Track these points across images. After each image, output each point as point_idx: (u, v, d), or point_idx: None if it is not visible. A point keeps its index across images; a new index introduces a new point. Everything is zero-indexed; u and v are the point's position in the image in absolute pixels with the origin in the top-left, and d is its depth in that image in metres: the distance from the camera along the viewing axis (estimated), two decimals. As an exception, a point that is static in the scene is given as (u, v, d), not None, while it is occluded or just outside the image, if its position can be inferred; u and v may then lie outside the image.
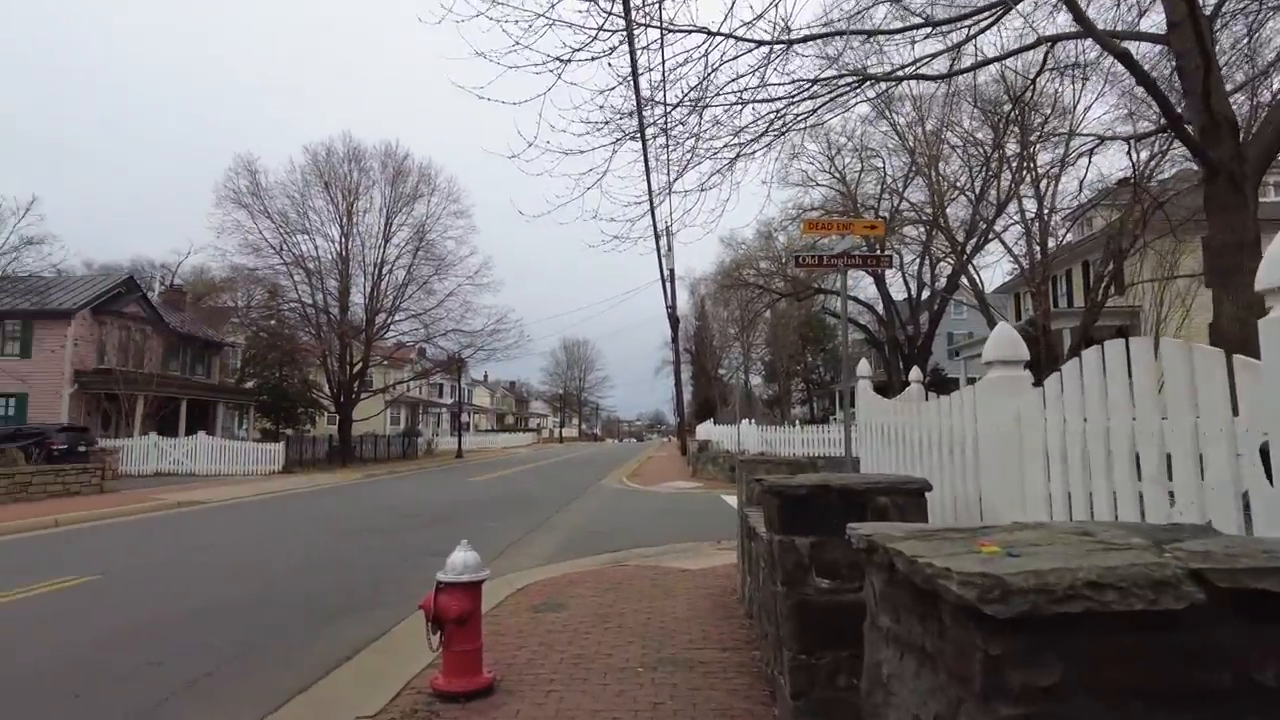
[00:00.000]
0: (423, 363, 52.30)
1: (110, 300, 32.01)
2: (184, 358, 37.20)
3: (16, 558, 10.53)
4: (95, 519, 14.98)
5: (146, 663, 5.53)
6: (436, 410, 69.68)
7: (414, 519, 14.73)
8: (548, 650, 5.52)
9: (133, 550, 11.23)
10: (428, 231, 38.77)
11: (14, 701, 4.75)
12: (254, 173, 35.90)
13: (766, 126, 7.94)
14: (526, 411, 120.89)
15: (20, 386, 29.04)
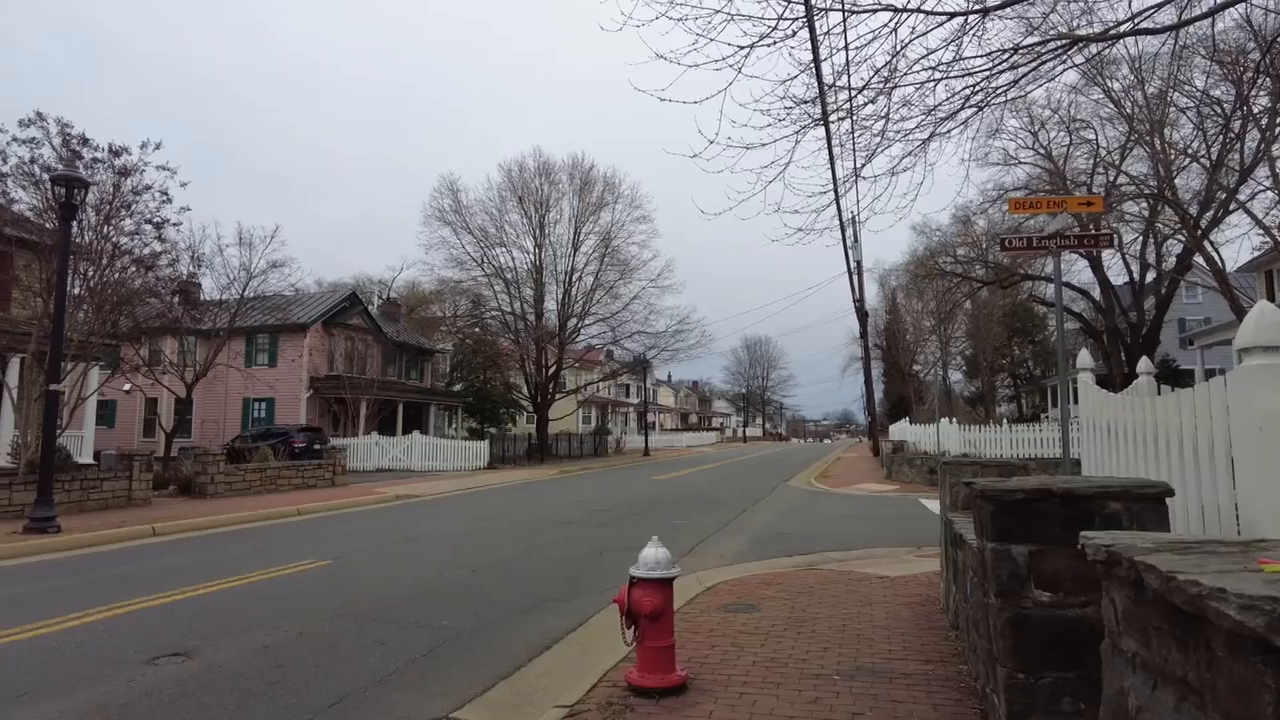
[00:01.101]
0: (610, 364, 54.04)
1: (338, 314, 35.77)
2: (400, 364, 40.81)
3: (269, 541, 11.99)
4: (328, 509, 16.75)
5: (372, 641, 6.06)
6: (624, 410, 71.74)
7: (604, 514, 15.20)
8: (739, 652, 5.45)
9: (359, 538, 12.43)
10: (613, 238, 40.02)
11: (263, 669, 5.37)
12: (455, 192, 38.79)
13: (962, 103, 7.39)
14: (709, 411, 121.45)
15: (269, 392, 33.17)
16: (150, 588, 8.07)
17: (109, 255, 16.86)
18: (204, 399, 31.20)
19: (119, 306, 17.73)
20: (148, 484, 16.39)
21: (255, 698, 4.79)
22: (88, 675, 5.21)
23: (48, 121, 15.94)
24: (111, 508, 15.17)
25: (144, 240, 17.38)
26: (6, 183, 15.81)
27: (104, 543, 11.69)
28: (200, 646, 5.85)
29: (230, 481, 18.53)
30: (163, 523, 13.22)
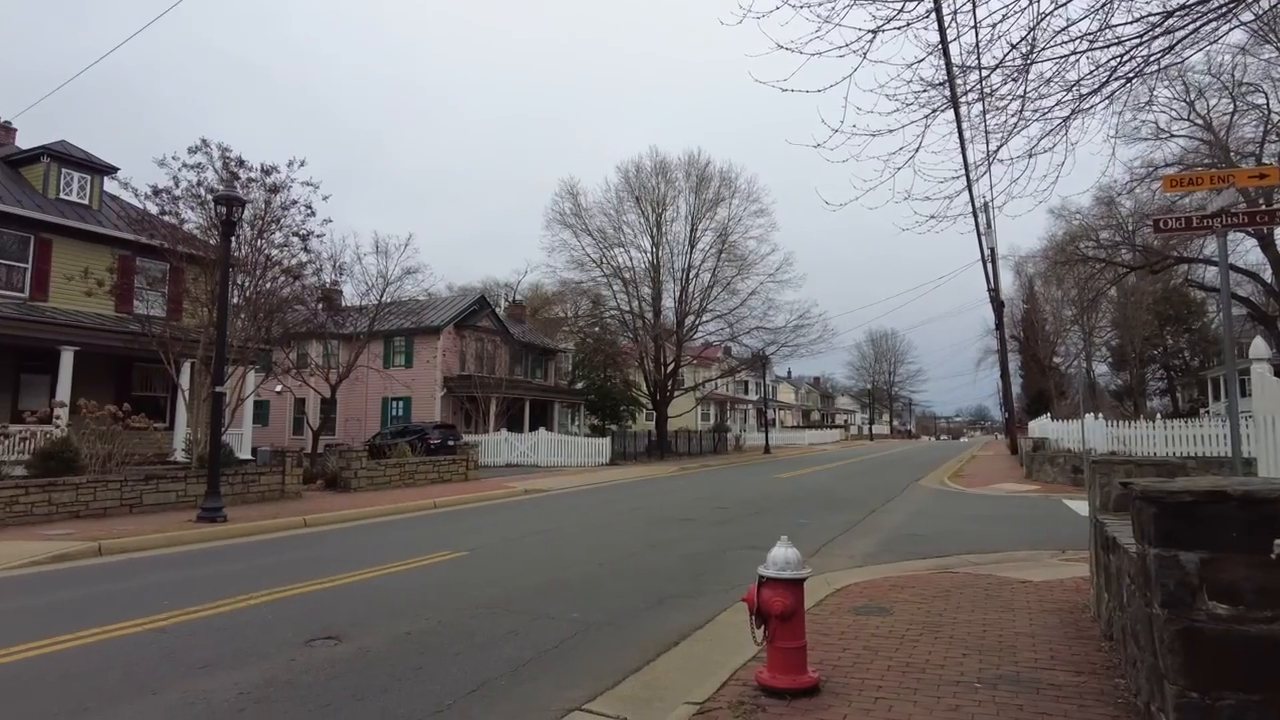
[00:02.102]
0: (728, 361, 53.72)
1: (468, 317, 37.29)
2: (526, 363, 42.11)
3: (407, 533, 12.65)
4: (461, 503, 17.48)
5: (506, 631, 6.28)
6: (742, 407, 71.18)
7: (726, 511, 15.12)
8: (873, 655, 5.29)
9: (490, 530, 12.91)
10: (730, 233, 39.77)
11: (407, 654, 5.66)
12: (575, 195, 39.65)
13: (1108, 75, 6.87)
14: (832, 408, 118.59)
15: (406, 391, 35.02)
16: (303, 575, 8.68)
17: (262, 267, 18.26)
18: (346, 399, 33.27)
19: (271, 314, 19.18)
20: (298, 479, 17.65)
21: (401, 681, 5.05)
22: (255, 652, 5.66)
23: (210, 147, 17.45)
24: (267, 500, 16.42)
25: (292, 252, 18.72)
26: (178, 205, 17.41)
27: (262, 532, 12.68)
28: (350, 631, 6.24)
29: (372, 476, 19.68)
30: (312, 515, 14.20)
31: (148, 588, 8.33)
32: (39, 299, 20.31)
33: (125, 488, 14.06)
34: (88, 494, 13.51)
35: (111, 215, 22.25)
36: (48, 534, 11.50)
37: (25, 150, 23.10)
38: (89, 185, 22.67)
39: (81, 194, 22.47)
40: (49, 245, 20.77)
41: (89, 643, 5.95)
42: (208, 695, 4.77)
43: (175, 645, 5.92)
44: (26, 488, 12.87)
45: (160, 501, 14.47)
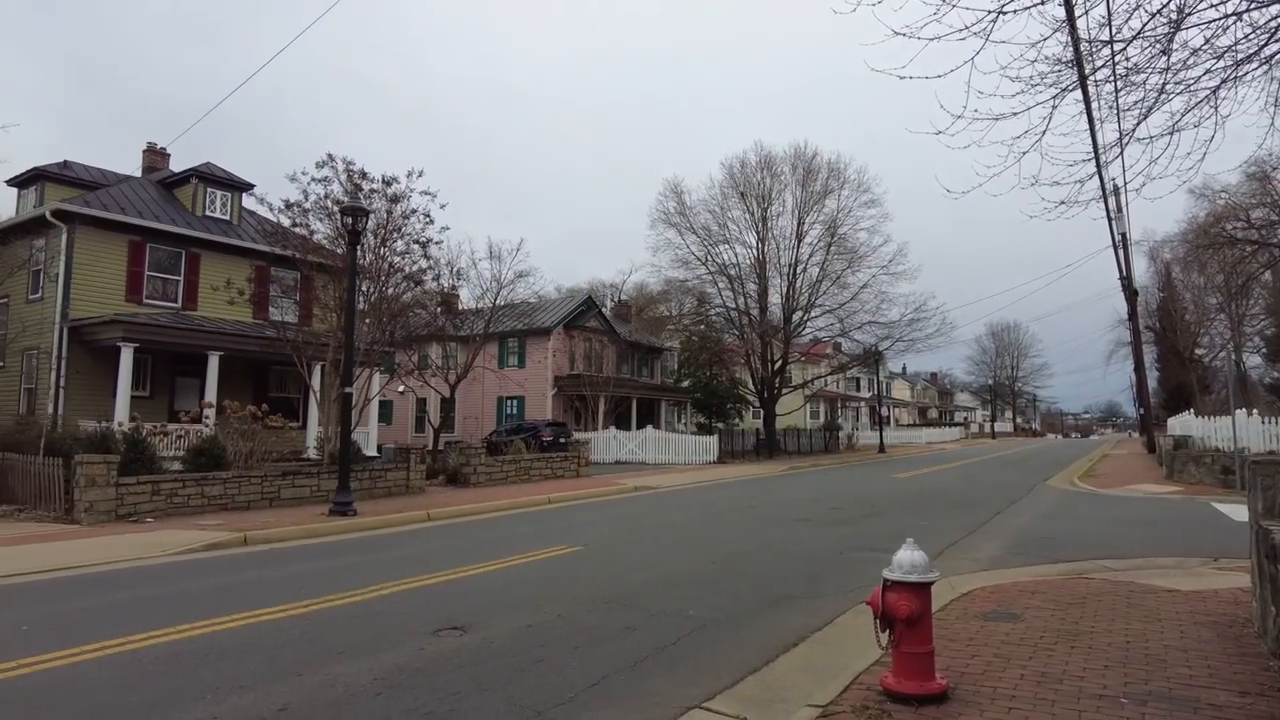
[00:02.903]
0: (839, 357, 52.49)
1: (576, 317, 38.00)
2: (632, 362, 42.51)
3: (524, 528, 13.00)
4: (574, 499, 17.82)
5: (623, 626, 6.35)
6: (855, 404, 69.40)
7: (840, 512, 14.78)
8: (1004, 663, 5.04)
9: (604, 526, 13.10)
10: (839, 226, 38.83)
11: (528, 647, 5.81)
12: (679, 194, 39.70)
13: (1268, 38, 6.28)
14: (950, 405, 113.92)
15: (520, 390, 36.03)
16: (429, 567, 9.06)
17: (385, 273, 19.18)
18: (464, 398, 34.54)
19: (394, 318, 20.12)
20: (421, 474, 18.45)
21: (524, 673, 5.19)
22: (387, 640, 5.95)
23: (336, 161, 18.45)
24: (393, 495, 17.25)
25: (412, 259, 19.58)
26: (308, 217, 18.51)
27: (389, 525, 13.32)
28: (474, 622, 6.46)
29: (490, 472, 20.35)
30: (435, 509, 14.81)
31: (288, 577, 8.91)
32: (189, 308, 22.09)
33: (265, 483, 15.09)
34: (233, 488, 14.58)
35: (250, 229, 23.94)
36: (201, 524, 12.48)
37: (177, 173, 25.17)
38: (230, 202, 24.47)
39: (224, 210, 24.28)
40: (197, 259, 22.55)
41: (239, 626, 6.41)
42: (346, 679, 5.04)
43: (315, 631, 6.29)
44: (183, 481, 14.02)
45: (296, 496, 15.45)
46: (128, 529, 12.21)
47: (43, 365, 20.45)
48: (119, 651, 5.68)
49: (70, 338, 19.92)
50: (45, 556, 9.82)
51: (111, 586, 8.37)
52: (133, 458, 13.91)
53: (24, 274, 21.37)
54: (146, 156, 27.33)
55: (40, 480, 13.95)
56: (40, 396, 20.45)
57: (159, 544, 10.73)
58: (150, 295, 21.57)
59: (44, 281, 20.98)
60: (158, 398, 21.72)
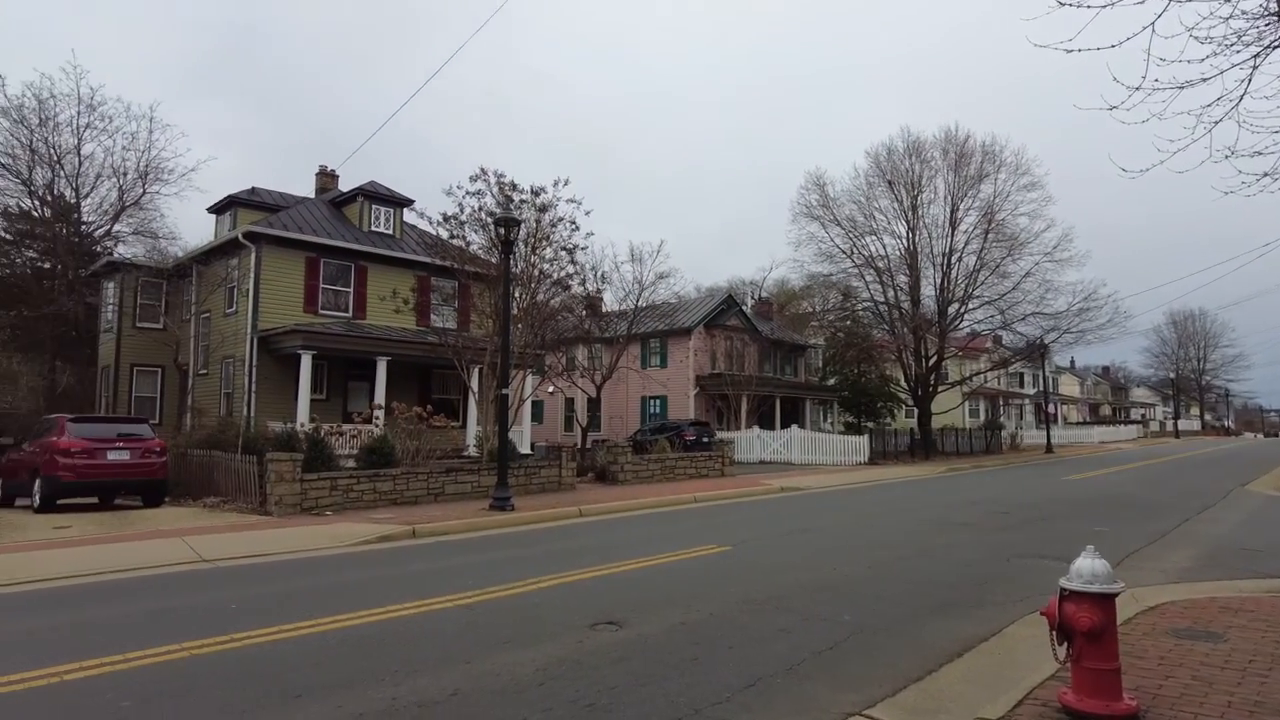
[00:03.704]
0: (1000, 351, 49.45)
1: (716, 316, 37.94)
2: (775, 360, 41.94)
3: (671, 526, 13.12)
4: (720, 498, 17.79)
5: (777, 629, 6.27)
6: (1018, 402, 65.18)
7: (1007, 516, 13.92)
8: (1205, 687, 4.57)
9: (751, 526, 12.99)
10: (996, 211, 36.60)
11: (682, 644, 5.85)
12: (822, 186, 38.74)
13: None
14: (1125, 400, 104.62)
15: (662, 390, 36.43)
16: (583, 562, 9.32)
17: (535, 280, 19.93)
18: (609, 398, 35.30)
19: (545, 322, 20.87)
20: (572, 472, 19.03)
21: (679, 670, 5.24)
22: (547, 632, 6.18)
23: (488, 175, 19.35)
24: (547, 491, 17.88)
25: (560, 265, 20.24)
26: (464, 228, 19.54)
27: (544, 520, 13.82)
28: (629, 618, 6.59)
29: (636, 470, 20.70)
30: (586, 505, 15.23)
31: (453, 568, 9.43)
32: (359, 318, 23.86)
33: (431, 479, 16.06)
34: (402, 484, 15.62)
35: (411, 242, 25.57)
36: (374, 517, 13.45)
37: (345, 192, 27.27)
38: (393, 217, 26.24)
39: (387, 225, 26.07)
40: (365, 271, 24.34)
41: (412, 614, 6.85)
42: (510, 668, 5.27)
43: (479, 621, 6.63)
44: (357, 477, 15.17)
45: (458, 491, 16.34)
46: (310, 521, 13.35)
47: (238, 372, 22.76)
48: (309, 633, 6.22)
49: (259, 347, 22.04)
50: (246, 544, 10.91)
51: (301, 573, 9.18)
52: (314, 456, 15.18)
53: (222, 291, 23.89)
54: (319, 179, 29.83)
55: (239, 476, 15.52)
56: (236, 400, 22.76)
57: (338, 535, 11.67)
58: (324, 306, 23.49)
59: (237, 297, 23.33)
60: (332, 400, 23.61)
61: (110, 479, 15.29)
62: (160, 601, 7.68)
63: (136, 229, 32.46)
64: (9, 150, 29.40)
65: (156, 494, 15.90)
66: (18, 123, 29.27)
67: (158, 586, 8.45)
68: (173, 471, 16.54)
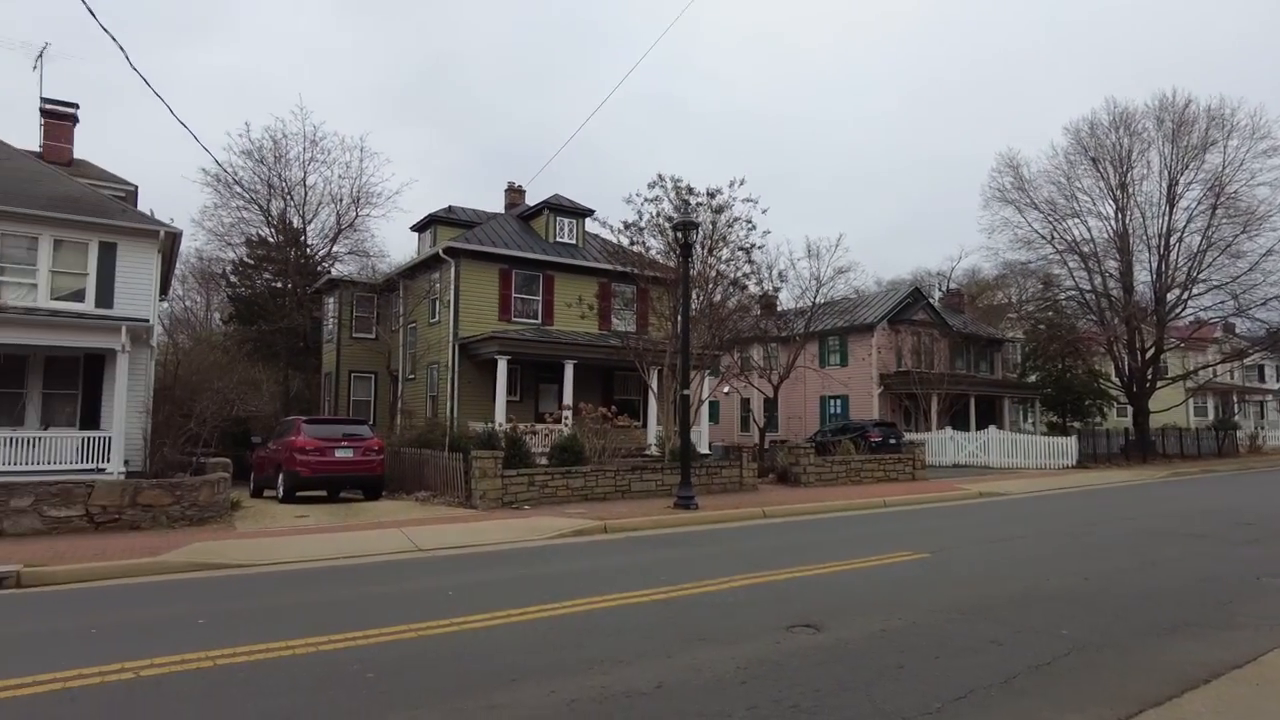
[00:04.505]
0: (1232, 341, 43.76)
1: (901, 310, 36.36)
2: (968, 356, 39.53)
3: (860, 530, 12.75)
4: (911, 503, 17.04)
5: (986, 640, 5.93)
6: (1257, 398, 57.27)
7: (1252, 528, 12.30)
8: None
9: (948, 533, 12.34)
10: (1226, 183, 32.46)
11: (885, 652, 5.67)
12: (1015, 167, 36.08)
13: None
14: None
15: (843, 389, 35.42)
16: (771, 563, 9.27)
17: (712, 281, 20.07)
18: (787, 397, 34.78)
19: (722, 323, 20.95)
20: (753, 472, 18.97)
21: (883, 677, 5.09)
22: (742, 631, 6.21)
23: (665, 181, 19.71)
24: (728, 491, 17.94)
25: (737, 265, 20.27)
26: (643, 234, 20.04)
27: (727, 520, 13.88)
28: (826, 621, 6.48)
29: (819, 472, 20.29)
30: (770, 506, 15.13)
31: (646, 563, 9.71)
32: (547, 324, 25.11)
33: (618, 477, 16.62)
34: (592, 481, 16.27)
35: (593, 250, 26.58)
36: (567, 512, 14.11)
37: (531, 206, 28.81)
38: (575, 227, 27.40)
39: (571, 235, 27.24)
40: (551, 280, 25.58)
41: (611, 606, 7.12)
42: (711, 665, 5.35)
43: (676, 616, 6.78)
44: (551, 474, 15.99)
45: (643, 489, 16.78)
46: (511, 514, 14.22)
47: (441, 376, 24.66)
48: (520, 620, 6.64)
49: (460, 353, 23.76)
50: (455, 535, 11.82)
51: (506, 563, 9.82)
52: (512, 454, 16.16)
53: (426, 302, 26.02)
54: (507, 194, 31.76)
55: (446, 472, 16.82)
56: (440, 402, 24.68)
57: (536, 528, 12.35)
58: (517, 314, 24.93)
59: (439, 307, 25.30)
60: (525, 401, 24.99)
61: (338, 474, 17.09)
62: (387, 586, 8.50)
63: (351, 249, 36.09)
64: (252, 187, 33.68)
65: (376, 488, 17.57)
66: (258, 162, 33.45)
67: (383, 572, 9.35)
68: (388, 468, 18.21)
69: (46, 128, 24.96)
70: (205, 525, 12.67)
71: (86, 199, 19.83)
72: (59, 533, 11.60)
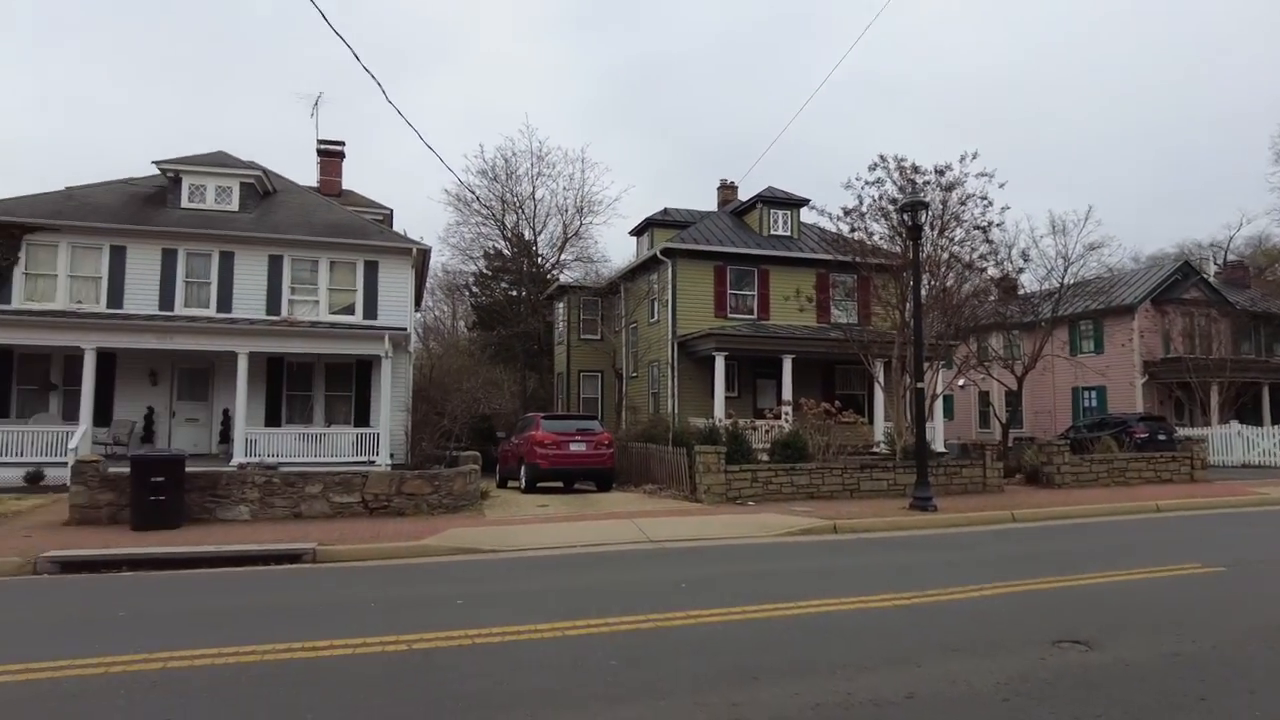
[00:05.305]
0: None
1: (1167, 288, 31.92)
2: (1257, 339, 33.88)
3: (1131, 537, 11.27)
4: (1191, 508, 14.85)
5: (1318, 674, 4.93)
6: None
7: None
8: None
9: (1247, 544, 10.60)
10: None
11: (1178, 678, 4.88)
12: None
13: None
14: None
15: (1099, 379, 31.72)
16: (1026, 571, 8.42)
17: (944, 265, 18.76)
18: (1032, 390, 31.74)
19: (956, 309, 19.52)
20: (998, 472, 17.45)
21: (1182, 710, 4.38)
22: (999, 644, 5.64)
23: (887, 161, 18.72)
24: (969, 492, 16.65)
25: (972, 245, 18.77)
26: (864, 220, 19.18)
27: (971, 524, 12.87)
28: (1099, 639, 5.73)
29: (1075, 472, 18.27)
30: (1019, 509, 13.83)
31: (883, 566, 9.22)
32: (763, 318, 24.85)
33: (845, 475, 16.01)
34: (817, 478, 15.81)
35: (809, 240, 25.93)
36: (793, 510, 13.80)
37: (744, 201, 28.66)
38: (790, 219, 26.89)
39: (785, 227, 26.77)
40: (767, 274, 25.28)
41: (849, 609, 6.79)
42: (966, 678, 4.90)
43: (921, 623, 6.32)
44: (775, 471, 15.75)
45: (873, 488, 16.02)
46: (735, 510, 14.16)
47: (662, 374, 25.24)
48: (755, 617, 6.52)
49: (679, 351, 24.17)
50: (684, 528, 11.96)
51: (735, 559, 9.76)
52: (734, 449, 16.11)
53: (646, 303, 26.78)
54: (720, 192, 31.90)
55: (671, 466, 17.14)
56: (661, 398, 25.27)
57: (763, 525, 12.19)
58: (732, 310, 24.92)
59: (657, 307, 25.91)
60: (743, 397, 24.91)
61: (573, 467, 18.03)
62: (622, 575, 8.76)
63: (576, 256, 38.18)
64: (488, 203, 36.64)
65: (606, 480, 18.32)
66: (492, 180, 36.39)
67: (618, 562, 9.66)
68: (616, 461, 18.91)
69: (321, 164, 28.78)
70: (459, 513, 13.84)
71: (353, 224, 22.60)
72: (341, 516, 13.21)
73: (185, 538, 10.90)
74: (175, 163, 21.47)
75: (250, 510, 12.96)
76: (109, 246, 19.75)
